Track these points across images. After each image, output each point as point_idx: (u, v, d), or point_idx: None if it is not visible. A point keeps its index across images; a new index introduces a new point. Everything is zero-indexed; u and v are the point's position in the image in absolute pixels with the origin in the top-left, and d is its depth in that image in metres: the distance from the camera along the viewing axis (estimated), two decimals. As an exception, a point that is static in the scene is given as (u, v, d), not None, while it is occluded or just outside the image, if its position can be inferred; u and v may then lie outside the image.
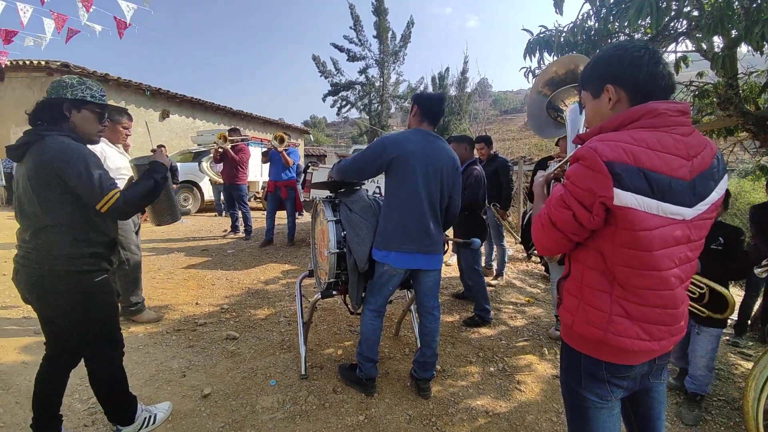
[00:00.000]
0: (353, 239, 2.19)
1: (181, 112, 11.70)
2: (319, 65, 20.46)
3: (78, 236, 1.57)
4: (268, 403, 2.15)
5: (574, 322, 1.08)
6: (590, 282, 1.05)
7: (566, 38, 3.24)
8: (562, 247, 1.09)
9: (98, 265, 1.65)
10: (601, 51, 1.17)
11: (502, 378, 2.55)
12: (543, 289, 4.67)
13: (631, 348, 1.01)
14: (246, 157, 5.98)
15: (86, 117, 1.63)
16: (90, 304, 1.62)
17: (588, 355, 1.08)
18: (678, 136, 0.97)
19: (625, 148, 0.94)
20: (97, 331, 1.68)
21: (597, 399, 1.09)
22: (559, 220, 1.03)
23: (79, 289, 1.59)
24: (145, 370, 2.44)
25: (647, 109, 0.98)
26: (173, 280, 4.11)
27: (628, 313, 1.01)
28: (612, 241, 0.99)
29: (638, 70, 1.01)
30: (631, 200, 0.92)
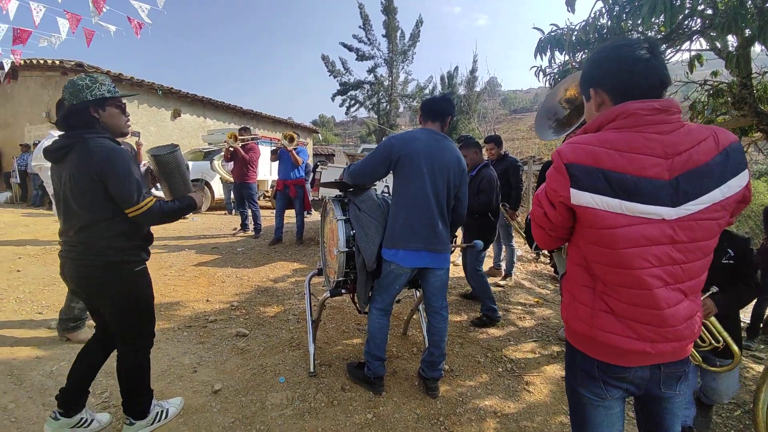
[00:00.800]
0: (362, 238, 2.20)
1: (192, 112, 11.83)
2: (328, 65, 20.53)
3: (121, 230, 1.67)
4: (277, 400, 2.18)
5: (568, 318, 1.12)
6: (577, 278, 1.10)
7: (578, 37, 3.21)
8: (547, 242, 1.15)
9: (139, 256, 1.77)
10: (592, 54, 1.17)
11: (511, 379, 2.54)
12: (552, 290, 4.63)
13: (619, 345, 1.00)
14: (256, 156, 6.03)
15: (112, 113, 1.70)
16: (133, 292, 1.75)
17: (582, 353, 1.10)
18: (653, 135, 0.94)
19: (585, 149, 0.97)
20: (137, 317, 1.80)
21: (593, 397, 1.10)
22: (536, 217, 1.12)
23: (123, 278, 1.71)
24: (157, 365, 2.47)
25: (621, 110, 0.98)
26: (184, 277, 4.17)
27: (611, 308, 1.02)
28: (583, 237, 1.04)
29: (617, 71, 1.01)
30: (587, 199, 0.96)
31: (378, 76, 20.27)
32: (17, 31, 4.94)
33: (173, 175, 1.89)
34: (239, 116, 13.73)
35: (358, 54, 19.90)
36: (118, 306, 1.74)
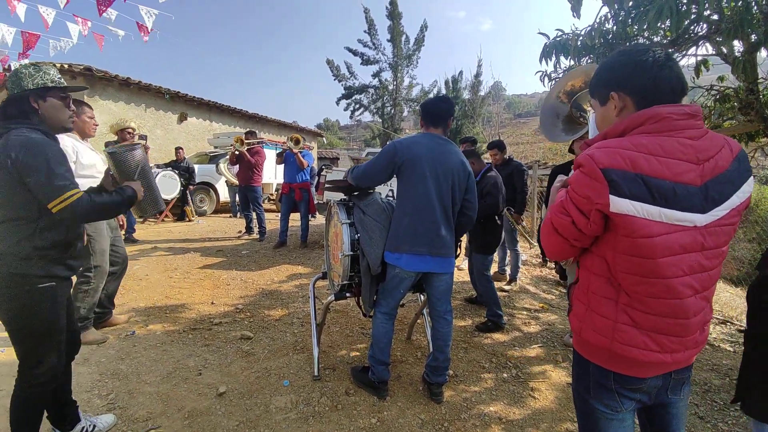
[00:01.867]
0: (366, 242, 2.21)
1: (198, 115, 11.94)
2: (333, 69, 20.63)
3: (26, 233, 1.44)
4: (281, 403, 2.18)
5: (581, 329, 1.07)
6: (596, 289, 1.04)
7: (584, 42, 3.21)
8: (565, 252, 1.08)
9: (46, 270, 1.49)
10: (606, 58, 1.16)
11: (516, 384, 2.52)
12: (557, 295, 4.60)
13: (639, 359, 0.98)
14: (262, 159, 6.07)
15: (53, 105, 1.56)
16: (27, 314, 1.48)
17: (597, 365, 1.06)
18: (685, 140, 0.94)
19: (622, 154, 0.92)
20: (35, 347, 1.53)
21: (606, 410, 1.06)
22: (559, 226, 1.03)
23: (19, 294, 1.45)
24: (163, 367, 2.49)
25: (650, 114, 0.96)
26: (189, 280, 4.19)
27: (634, 321, 0.98)
28: (614, 247, 0.97)
29: (642, 76, 1.00)
30: (628, 207, 0.91)
31: (383, 81, 20.36)
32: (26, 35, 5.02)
33: (132, 176, 1.74)
34: (245, 120, 13.82)
35: (363, 58, 20.00)
36: (13, 327, 1.50)
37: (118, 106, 9.57)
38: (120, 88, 9.61)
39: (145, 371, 2.44)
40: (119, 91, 9.63)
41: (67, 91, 1.62)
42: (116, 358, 2.57)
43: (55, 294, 1.54)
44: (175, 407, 2.12)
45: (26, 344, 1.53)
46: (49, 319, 1.54)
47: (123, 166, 1.78)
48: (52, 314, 1.54)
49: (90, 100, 9.00)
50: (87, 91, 8.80)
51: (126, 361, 2.53)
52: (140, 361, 2.55)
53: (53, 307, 1.55)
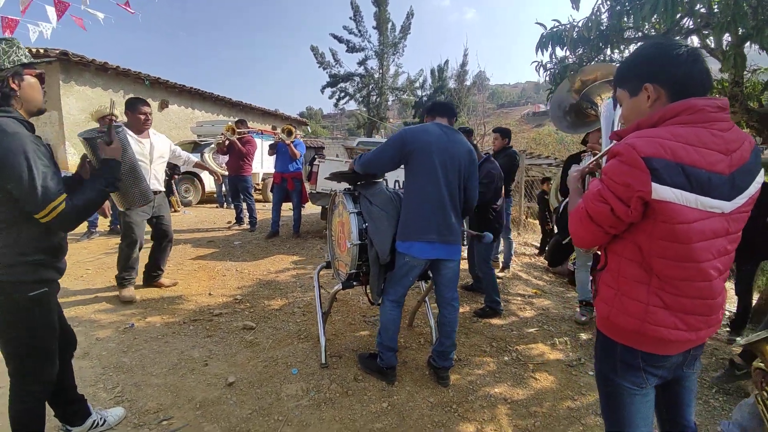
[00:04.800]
0: (374, 231, 2.23)
1: (180, 103, 11.57)
2: (317, 56, 20.25)
3: (9, 240, 1.33)
4: (292, 391, 2.20)
5: (610, 312, 1.11)
6: (628, 273, 1.08)
7: (580, 33, 3.26)
8: (598, 239, 1.12)
9: (36, 275, 1.39)
10: (637, 50, 1.19)
11: (517, 367, 2.62)
12: (548, 281, 4.75)
13: (668, 338, 1.04)
14: (253, 149, 5.97)
15: (31, 84, 1.41)
16: (16, 324, 1.39)
17: (624, 345, 1.11)
18: (716, 132, 1.00)
19: (662, 143, 0.96)
20: (27, 357, 1.45)
21: (632, 386, 1.12)
22: (596, 214, 1.06)
23: (7, 304, 1.36)
24: (167, 359, 2.47)
25: (686, 105, 1.00)
26: (183, 271, 4.12)
27: (665, 303, 1.04)
28: (650, 233, 1.02)
29: (677, 69, 1.04)
30: (669, 194, 0.95)
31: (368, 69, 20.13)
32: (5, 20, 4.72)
33: None
34: (228, 108, 13.49)
35: (349, 45, 19.70)
36: (6, 338, 1.41)
37: (95, 92, 9.17)
38: (97, 73, 9.20)
39: (149, 363, 2.41)
40: (96, 77, 9.23)
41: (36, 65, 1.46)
42: (118, 351, 2.53)
43: (48, 299, 1.46)
44: (185, 398, 2.11)
45: (18, 356, 1.44)
46: (43, 327, 1.45)
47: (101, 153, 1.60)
48: (45, 322, 1.46)
49: (66, 86, 8.60)
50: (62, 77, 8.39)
51: (128, 354, 2.50)
52: (143, 353, 2.52)
53: (46, 314, 1.46)
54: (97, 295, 3.35)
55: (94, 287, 3.52)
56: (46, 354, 1.49)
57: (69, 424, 1.78)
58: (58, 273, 1.50)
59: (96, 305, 3.16)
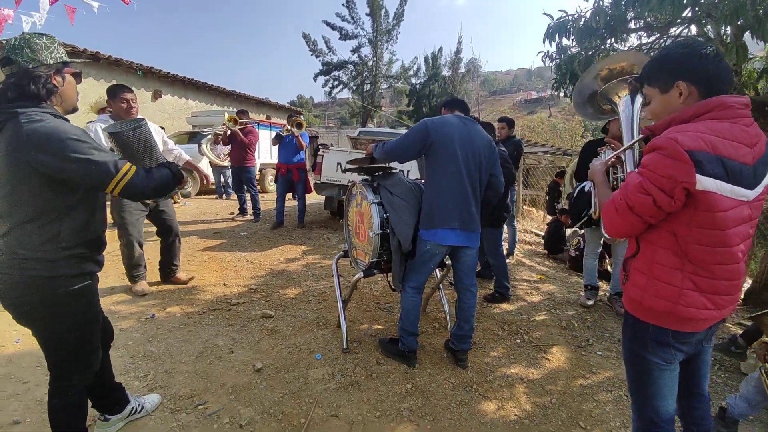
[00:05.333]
0: (396, 221, 2.29)
1: (173, 92, 11.39)
2: (309, 43, 19.93)
3: (51, 233, 1.31)
4: (319, 375, 2.29)
5: (643, 296, 1.20)
6: (662, 260, 1.16)
7: (587, 23, 3.32)
8: (635, 229, 1.19)
9: (79, 268, 1.39)
10: (665, 49, 1.27)
11: (529, 349, 2.74)
12: (551, 267, 4.89)
13: (698, 317, 1.14)
14: (255, 139, 5.96)
15: (71, 83, 1.41)
16: (61, 319, 1.38)
17: (656, 325, 1.20)
18: (743, 127, 1.10)
19: (703, 137, 1.05)
20: (68, 352, 1.44)
21: (662, 362, 1.22)
22: (637, 205, 1.13)
23: (51, 299, 1.35)
24: (193, 347, 2.53)
25: (718, 102, 1.09)
26: (194, 262, 4.16)
27: (698, 287, 1.13)
28: (688, 222, 1.10)
29: (707, 67, 1.12)
30: (711, 185, 1.04)
31: (362, 56, 19.90)
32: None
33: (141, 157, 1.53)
34: (222, 97, 13.31)
35: (342, 33, 19.39)
36: (46, 334, 1.41)
37: (87, 82, 8.98)
38: (88, 62, 8.99)
39: (176, 352, 2.48)
40: (87, 66, 9.02)
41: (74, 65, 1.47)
42: (143, 340, 2.59)
43: (91, 291, 1.47)
44: (216, 384, 2.19)
45: (63, 350, 1.44)
46: (87, 319, 1.47)
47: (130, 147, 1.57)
48: (89, 314, 1.48)
49: (56, 75, 8.40)
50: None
51: (154, 343, 2.56)
52: (169, 342, 2.58)
53: (90, 306, 1.48)
54: (113, 286, 3.38)
55: (109, 279, 3.55)
56: (91, 346, 1.51)
57: (108, 413, 1.80)
58: (98, 266, 1.51)
59: (113, 297, 3.20)
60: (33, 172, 1.26)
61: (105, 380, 1.77)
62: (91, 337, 1.52)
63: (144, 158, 1.53)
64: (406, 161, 2.40)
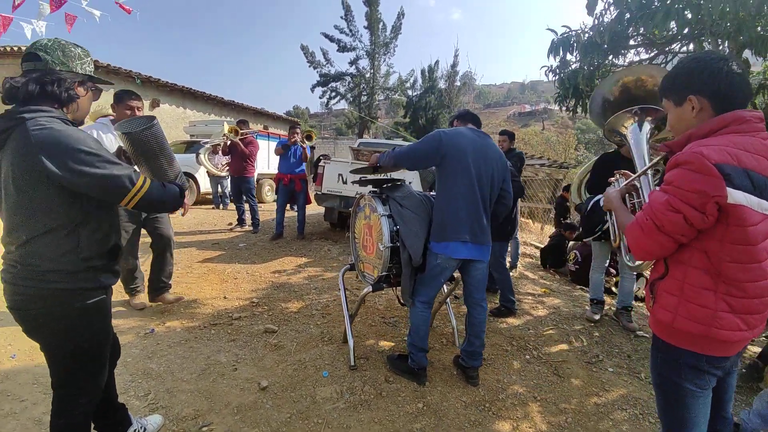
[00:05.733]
0: (407, 234, 2.25)
1: (171, 102, 11.37)
2: (307, 55, 20.12)
3: (70, 245, 1.27)
4: (327, 394, 2.21)
5: (675, 319, 1.14)
6: (694, 281, 1.11)
7: (591, 39, 3.36)
8: (666, 249, 1.14)
9: (96, 281, 1.35)
10: (680, 63, 1.27)
11: (540, 365, 2.69)
12: (553, 280, 4.87)
13: (732, 339, 1.10)
14: (256, 150, 5.93)
15: (89, 97, 1.40)
16: (80, 333, 1.33)
17: (689, 350, 1.15)
18: (762, 140, 1.08)
19: (729, 151, 1.04)
20: (81, 367, 1.39)
21: (696, 388, 1.17)
22: (666, 224, 1.09)
23: (69, 313, 1.30)
24: (195, 364, 2.44)
25: (734, 117, 1.08)
26: (193, 275, 4.07)
27: (731, 307, 1.09)
28: (721, 238, 1.06)
29: (718, 81, 1.11)
30: (741, 198, 1.02)
31: (360, 68, 20.09)
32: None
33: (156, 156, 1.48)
34: (220, 107, 13.31)
35: (340, 45, 19.63)
36: (56, 349, 1.35)
37: (84, 90, 8.92)
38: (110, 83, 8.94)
39: (177, 369, 2.39)
40: (85, 75, 8.97)
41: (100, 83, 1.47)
42: (143, 357, 2.50)
43: (106, 306, 1.42)
44: (221, 403, 2.10)
45: (73, 367, 1.38)
46: (100, 335, 1.42)
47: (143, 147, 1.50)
48: (103, 329, 1.43)
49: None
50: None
51: (154, 360, 2.47)
52: (169, 359, 2.49)
53: (105, 321, 1.43)
54: (110, 300, 3.28)
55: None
56: (101, 363, 1.46)
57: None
58: (115, 277, 1.46)
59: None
60: (47, 180, 1.21)
61: (110, 399, 1.69)
62: (102, 355, 1.46)
63: (158, 157, 1.49)
64: (415, 169, 2.38)
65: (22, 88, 1.22)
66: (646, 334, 3.25)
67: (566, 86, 3.82)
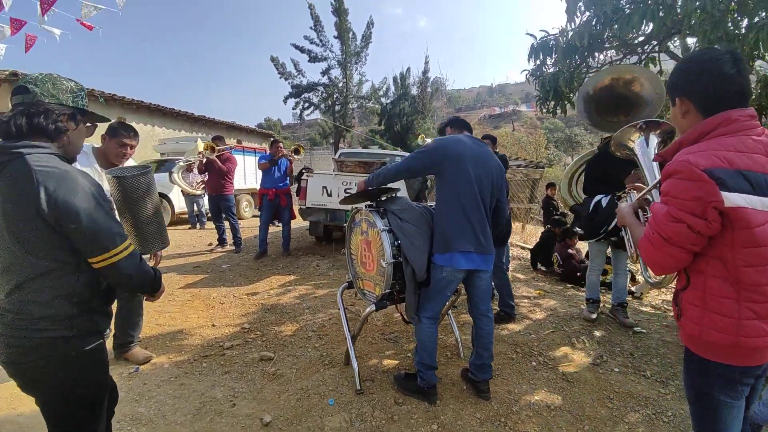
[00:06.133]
0: (409, 248, 2.17)
1: (138, 120, 10.89)
2: (278, 66, 19.81)
3: (67, 288, 1.17)
4: (336, 424, 2.08)
5: (701, 331, 1.12)
6: (714, 290, 1.09)
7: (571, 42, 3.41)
8: (680, 261, 1.11)
9: (93, 327, 1.25)
10: (678, 62, 1.27)
11: (547, 371, 2.65)
12: (544, 281, 4.89)
13: (761, 346, 1.07)
14: (234, 166, 5.71)
15: (81, 131, 1.30)
16: (78, 382, 1.23)
17: (720, 362, 1.12)
18: (755, 137, 1.06)
19: (716, 154, 1.02)
20: (80, 418, 1.28)
21: (729, 399, 1.14)
22: (673, 235, 1.07)
23: (66, 361, 1.19)
24: (188, 404, 2.26)
25: (722, 118, 1.07)
26: (176, 302, 3.84)
27: (756, 313, 1.05)
28: (732, 244, 1.04)
29: (702, 82, 1.10)
30: (739, 200, 1.00)
31: (332, 78, 19.97)
32: None
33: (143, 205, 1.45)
34: (190, 123, 12.90)
35: (311, 55, 19.44)
36: (55, 402, 1.24)
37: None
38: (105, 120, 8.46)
39: (169, 411, 2.20)
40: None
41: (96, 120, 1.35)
42: (129, 400, 2.29)
43: (102, 351, 1.31)
44: (221, 446, 1.94)
45: (72, 419, 1.26)
46: (100, 382, 1.31)
47: (133, 194, 1.49)
48: (101, 376, 1.32)
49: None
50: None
51: (143, 403, 2.26)
52: (159, 399, 2.30)
53: (103, 368, 1.32)
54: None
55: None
56: (99, 414, 1.33)
57: None
58: (109, 320, 1.35)
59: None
60: (43, 218, 1.12)
61: None
62: (102, 404, 1.34)
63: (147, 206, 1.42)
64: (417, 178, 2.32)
65: (10, 122, 1.15)
66: (643, 329, 3.28)
67: (546, 89, 3.87)
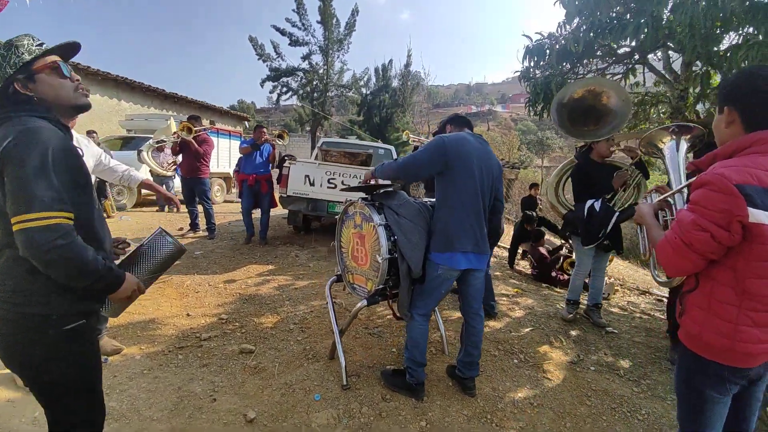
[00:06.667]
0: (405, 244, 2.14)
1: (103, 92, 10.18)
2: (257, 47, 19.06)
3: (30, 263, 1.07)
4: (323, 420, 2.04)
5: (702, 332, 1.20)
6: (720, 296, 1.16)
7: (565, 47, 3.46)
8: (696, 266, 1.17)
9: (71, 307, 1.15)
10: (732, 74, 1.30)
11: (528, 369, 2.71)
12: (520, 278, 5.02)
13: (755, 353, 1.15)
14: (210, 148, 5.44)
15: (46, 81, 1.16)
16: (55, 364, 1.15)
17: (716, 362, 1.20)
18: None
19: (750, 171, 1.07)
20: (69, 403, 1.21)
21: (717, 395, 1.22)
22: (695, 242, 1.12)
23: (39, 339, 1.11)
24: (165, 398, 2.14)
25: (756, 138, 1.12)
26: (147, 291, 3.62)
27: (754, 321, 1.13)
28: (747, 256, 1.10)
29: (753, 97, 1.14)
30: (763, 217, 1.05)
31: (313, 64, 19.45)
32: None
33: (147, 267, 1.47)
34: (160, 100, 12.22)
35: (292, 39, 18.82)
36: (39, 383, 1.18)
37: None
38: None
39: (143, 405, 2.07)
40: None
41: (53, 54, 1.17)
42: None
43: (88, 333, 1.22)
44: (203, 443, 1.85)
45: (59, 404, 1.20)
46: (85, 365, 1.22)
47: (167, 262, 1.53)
48: (87, 359, 1.23)
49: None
50: None
51: (113, 397, 2.11)
52: (131, 393, 2.16)
53: (88, 351, 1.23)
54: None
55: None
56: (93, 402, 1.27)
57: None
58: (99, 302, 1.26)
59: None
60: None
61: None
62: (93, 392, 1.28)
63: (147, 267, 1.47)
64: (418, 179, 2.28)
65: None
66: (615, 330, 3.44)
67: (537, 92, 3.92)
